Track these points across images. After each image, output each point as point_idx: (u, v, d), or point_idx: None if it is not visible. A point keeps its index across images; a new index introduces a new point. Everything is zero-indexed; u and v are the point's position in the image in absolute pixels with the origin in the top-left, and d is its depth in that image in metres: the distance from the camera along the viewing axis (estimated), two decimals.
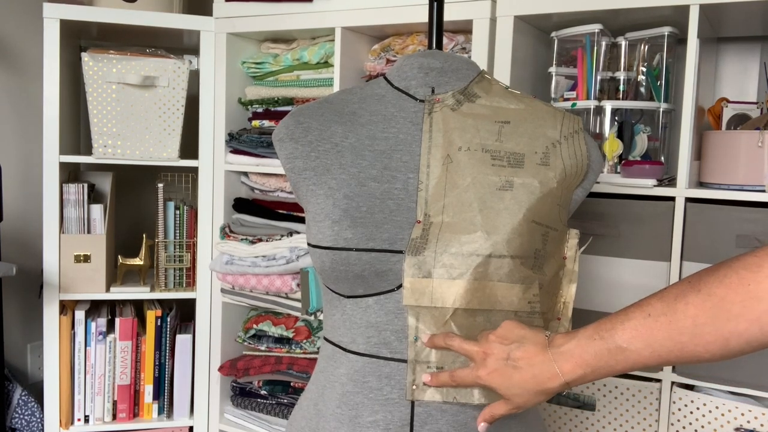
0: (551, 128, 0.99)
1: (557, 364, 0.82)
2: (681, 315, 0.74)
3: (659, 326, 0.75)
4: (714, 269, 0.73)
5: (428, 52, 1.02)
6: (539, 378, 0.83)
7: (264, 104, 1.98)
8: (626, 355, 0.78)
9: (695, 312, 0.73)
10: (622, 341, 0.78)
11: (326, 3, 1.79)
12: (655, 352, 0.76)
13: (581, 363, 0.81)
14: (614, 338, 0.78)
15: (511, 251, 0.89)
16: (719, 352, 0.73)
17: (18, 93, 2.22)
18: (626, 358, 0.78)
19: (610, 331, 0.79)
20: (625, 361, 0.78)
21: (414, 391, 0.90)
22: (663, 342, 0.75)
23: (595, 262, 1.51)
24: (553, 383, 0.82)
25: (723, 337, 0.72)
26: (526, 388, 0.84)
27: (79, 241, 2.00)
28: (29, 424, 2.06)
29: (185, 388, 2.13)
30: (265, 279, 1.87)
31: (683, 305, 0.74)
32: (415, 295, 0.90)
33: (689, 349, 0.74)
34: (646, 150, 1.55)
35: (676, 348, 0.74)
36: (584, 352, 0.81)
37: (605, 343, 0.79)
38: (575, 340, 0.82)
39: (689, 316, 0.73)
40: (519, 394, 0.85)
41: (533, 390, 0.84)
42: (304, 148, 0.97)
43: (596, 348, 0.80)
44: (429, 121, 0.97)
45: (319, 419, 0.98)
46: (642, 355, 0.77)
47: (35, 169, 2.27)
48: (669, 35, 1.51)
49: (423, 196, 0.93)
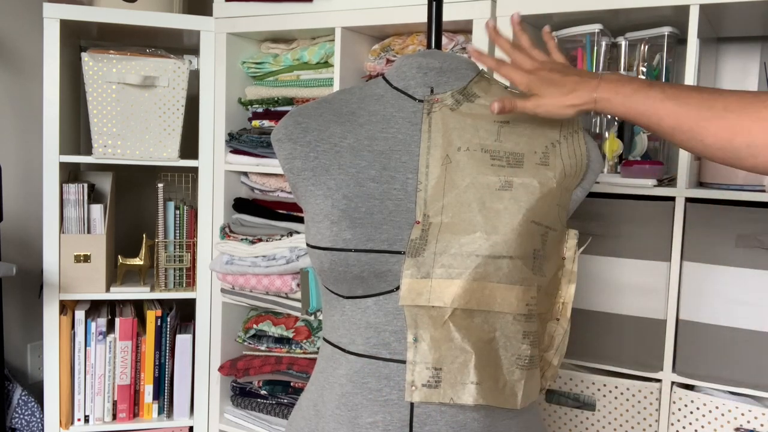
0: (551, 128, 0.99)
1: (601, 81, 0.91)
2: (718, 97, 0.84)
3: (696, 97, 0.85)
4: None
5: (427, 52, 1.02)
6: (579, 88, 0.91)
7: (264, 104, 1.98)
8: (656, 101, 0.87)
9: (730, 100, 0.83)
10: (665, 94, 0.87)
11: (326, 3, 1.79)
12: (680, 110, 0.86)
13: (617, 88, 0.90)
14: (658, 86, 0.88)
15: (511, 251, 0.89)
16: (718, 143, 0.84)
17: (18, 93, 2.22)
18: (654, 103, 0.87)
19: (661, 85, 0.89)
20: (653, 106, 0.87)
21: (413, 392, 0.90)
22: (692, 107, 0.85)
23: (595, 262, 1.51)
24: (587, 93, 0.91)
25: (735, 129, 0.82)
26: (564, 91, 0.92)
27: (79, 241, 2.00)
28: (29, 424, 2.06)
29: (185, 388, 2.13)
30: (265, 279, 1.87)
31: (723, 93, 0.85)
32: (411, 295, 0.90)
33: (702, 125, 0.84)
34: (646, 150, 1.55)
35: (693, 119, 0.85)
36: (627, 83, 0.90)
37: (649, 87, 0.89)
38: (627, 77, 0.92)
39: (723, 100, 0.84)
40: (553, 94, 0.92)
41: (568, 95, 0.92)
42: (303, 149, 0.97)
43: (638, 84, 0.89)
44: (428, 121, 0.97)
45: (319, 420, 0.98)
46: (669, 108, 0.86)
47: (35, 169, 2.27)
48: (669, 35, 1.51)
49: (422, 196, 0.93)
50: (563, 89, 0.92)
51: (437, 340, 0.90)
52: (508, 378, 0.93)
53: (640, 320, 1.48)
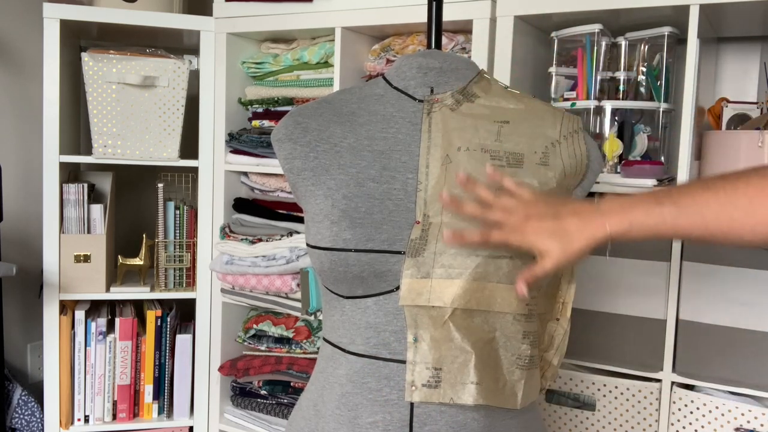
0: (551, 128, 0.99)
1: (605, 215, 0.82)
2: (741, 192, 0.75)
3: (716, 198, 0.76)
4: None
5: (427, 52, 1.02)
6: (584, 228, 0.82)
7: (264, 104, 1.98)
8: (676, 219, 0.78)
9: (755, 192, 0.75)
10: (676, 206, 0.78)
11: (326, 3, 1.79)
12: (705, 220, 0.77)
13: (628, 217, 0.81)
14: (668, 201, 0.79)
15: (511, 251, 0.89)
16: (758, 236, 0.75)
17: (18, 93, 2.22)
18: (675, 221, 0.78)
19: (666, 195, 0.80)
20: (673, 223, 0.78)
21: (413, 392, 0.90)
22: (716, 213, 0.76)
23: (595, 262, 1.51)
24: (597, 231, 0.81)
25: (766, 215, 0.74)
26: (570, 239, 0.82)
27: (79, 241, 2.00)
28: (29, 424, 2.06)
29: (185, 388, 2.13)
30: (265, 279, 1.87)
31: (744, 184, 0.76)
32: (411, 295, 0.90)
33: (737, 226, 0.76)
34: (646, 150, 1.55)
35: (725, 222, 0.76)
36: (634, 208, 0.81)
37: (658, 204, 0.79)
38: (628, 199, 0.82)
39: (748, 195, 0.75)
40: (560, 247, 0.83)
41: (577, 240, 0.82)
42: (303, 149, 0.97)
43: (647, 206, 0.80)
44: (428, 121, 0.97)
45: (319, 420, 0.98)
46: (691, 220, 0.77)
47: (35, 169, 2.27)
48: (669, 35, 1.51)
49: (422, 196, 0.93)
50: (568, 237, 0.83)
51: (437, 340, 0.90)
52: (508, 378, 0.93)
53: (640, 320, 1.48)
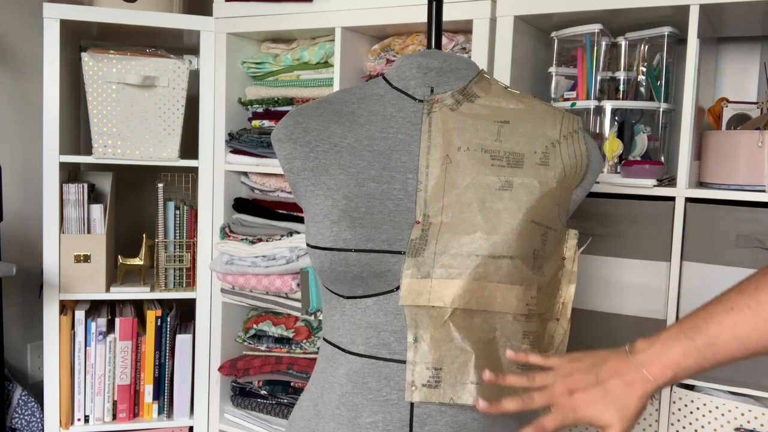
0: (551, 128, 0.99)
1: (645, 368, 0.81)
2: (765, 305, 0.74)
3: (743, 318, 0.75)
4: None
5: (427, 52, 1.02)
6: (632, 388, 0.81)
7: (264, 104, 1.98)
8: (714, 350, 0.77)
9: (761, 294, 0.73)
10: (709, 337, 0.77)
11: (326, 3, 1.79)
12: (742, 344, 0.76)
13: (669, 364, 0.79)
14: (700, 335, 0.78)
15: (511, 251, 0.89)
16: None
17: (18, 93, 2.22)
18: (714, 353, 0.77)
19: (694, 329, 0.78)
20: (713, 356, 0.78)
21: (413, 392, 0.90)
22: (750, 333, 0.75)
23: (594, 262, 1.51)
24: (645, 388, 0.81)
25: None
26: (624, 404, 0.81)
27: (79, 241, 2.00)
28: (29, 424, 2.06)
29: (185, 388, 2.13)
30: (265, 279, 1.87)
31: (765, 296, 0.74)
32: (411, 295, 0.90)
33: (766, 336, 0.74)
34: (646, 150, 1.55)
35: (763, 338, 0.75)
36: (671, 352, 0.79)
37: (692, 341, 0.78)
38: (659, 342, 0.81)
39: (756, 298, 0.74)
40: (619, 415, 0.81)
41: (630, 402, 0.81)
42: (303, 149, 0.97)
43: (683, 347, 0.79)
44: (428, 121, 0.97)
45: (319, 420, 0.98)
46: (730, 348, 0.76)
47: (35, 169, 2.27)
48: (669, 35, 1.51)
49: (422, 196, 0.93)
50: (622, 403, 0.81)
51: (437, 340, 0.90)
52: None
53: (640, 320, 1.48)
